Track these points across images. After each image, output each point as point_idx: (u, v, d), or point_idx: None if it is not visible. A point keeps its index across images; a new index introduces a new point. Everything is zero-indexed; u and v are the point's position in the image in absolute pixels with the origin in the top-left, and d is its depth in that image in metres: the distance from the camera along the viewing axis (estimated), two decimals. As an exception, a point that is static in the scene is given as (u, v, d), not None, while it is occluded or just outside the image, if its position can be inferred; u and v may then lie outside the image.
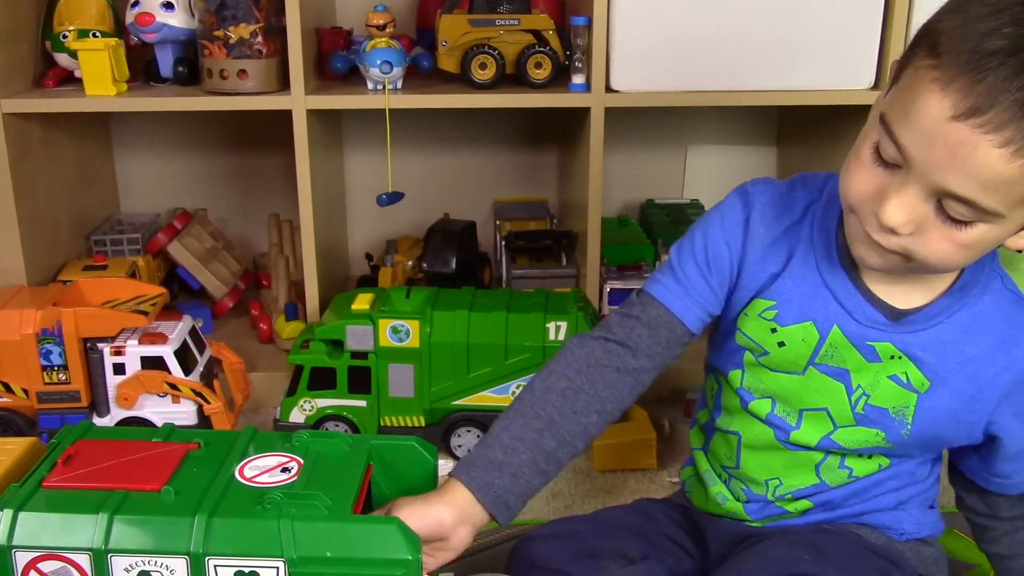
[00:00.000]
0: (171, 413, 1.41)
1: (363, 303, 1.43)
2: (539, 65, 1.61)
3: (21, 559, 0.75)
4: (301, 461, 0.83)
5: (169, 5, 1.61)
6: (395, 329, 1.40)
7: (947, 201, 0.75)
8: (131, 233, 1.81)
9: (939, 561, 1.00)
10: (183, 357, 1.42)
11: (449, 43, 1.62)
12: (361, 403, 1.44)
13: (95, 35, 1.62)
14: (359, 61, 1.60)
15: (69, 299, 1.43)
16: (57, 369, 1.39)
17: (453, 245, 1.73)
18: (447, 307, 1.42)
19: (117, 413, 1.42)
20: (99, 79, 1.57)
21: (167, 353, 1.40)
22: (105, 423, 1.41)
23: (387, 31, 1.58)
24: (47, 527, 0.76)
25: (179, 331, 1.44)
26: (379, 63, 1.56)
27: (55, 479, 0.79)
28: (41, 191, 1.66)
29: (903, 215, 0.76)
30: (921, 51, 0.75)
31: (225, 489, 0.79)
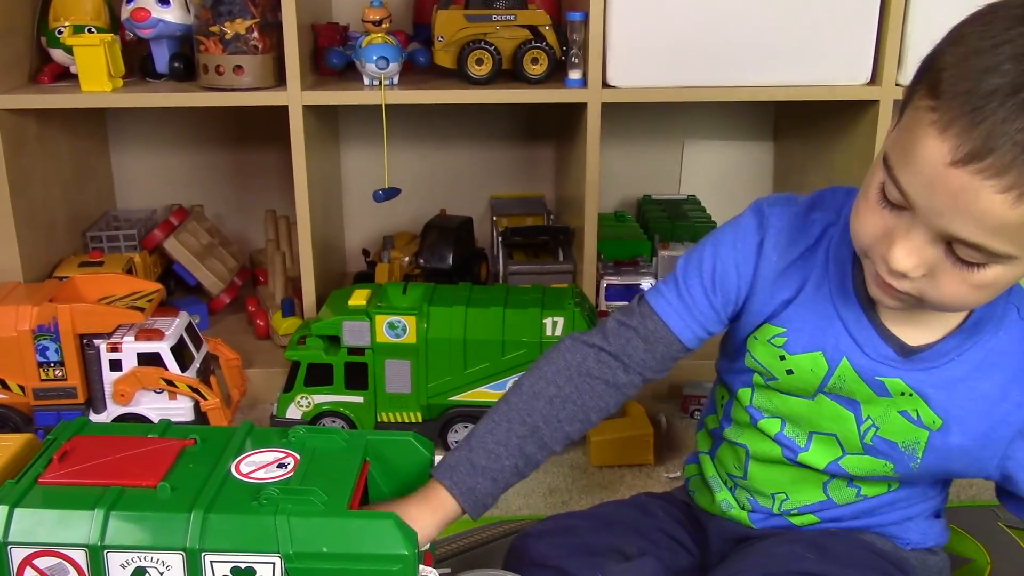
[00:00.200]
0: (168, 409, 1.41)
1: (360, 299, 1.43)
2: (535, 61, 1.61)
3: (17, 555, 0.75)
4: (297, 457, 0.83)
5: (165, 1, 1.60)
6: (392, 325, 1.40)
7: (956, 244, 0.72)
8: (127, 229, 1.81)
9: (944, 571, 0.99)
10: (180, 353, 1.42)
11: (445, 39, 1.62)
12: (358, 399, 1.44)
13: (90, 31, 1.62)
14: (355, 57, 1.60)
15: (65, 295, 1.43)
16: (53, 365, 1.39)
17: (450, 241, 1.73)
18: (444, 303, 1.42)
19: (114, 409, 1.42)
20: (95, 75, 1.57)
21: (163, 349, 1.40)
22: (102, 419, 1.41)
23: (383, 27, 1.57)
24: (43, 523, 0.76)
25: (175, 327, 1.44)
26: (375, 59, 1.56)
27: (51, 475, 0.79)
28: (37, 187, 1.65)
29: (912, 260, 0.74)
30: (921, 89, 0.72)
31: (221, 485, 0.78)
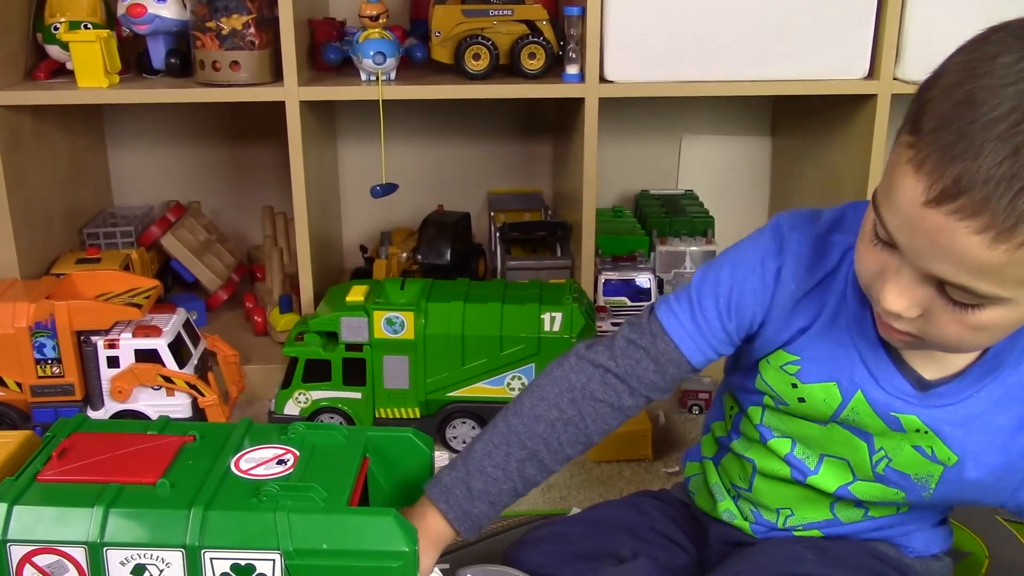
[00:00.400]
0: (166, 406, 1.41)
1: (358, 295, 1.43)
2: (533, 56, 1.61)
3: (16, 553, 0.75)
4: (297, 453, 0.83)
5: (161, -4, 1.60)
6: (390, 321, 1.40)
7: (946, 284, 0.69)
8: (124, 226, 1.81)
9: (948, 572, 0.99)
10: (177, 350, 1.42)
11: (442, 34, 1.62)
12: (356, 395, 1.44)
13: (86, 27, 1.61)
14: (352, 52, 1.59)
15: (62, 292, 1.43)
16: (51, 362, 1.39)
17: (448, 237, 1.73)
18: (442, 298, 1.42)
19: (111, 406, 1.42)
20: (91, 71, 1.56)
21: (161, 346, 1.40)
22: (99, 416, 1.41)
23: (380, 22, 1.57)
24: (42, 521, 0.75)
25: (173, 324, 1.44)
26: (372, 54, 1.56)
27: (50, 472, 0.79)
28: (33, 184, 1.65)
29: (903, 301, 0.72)
30: (907, 125, 0.69)
31: (221, 482, 0.78)
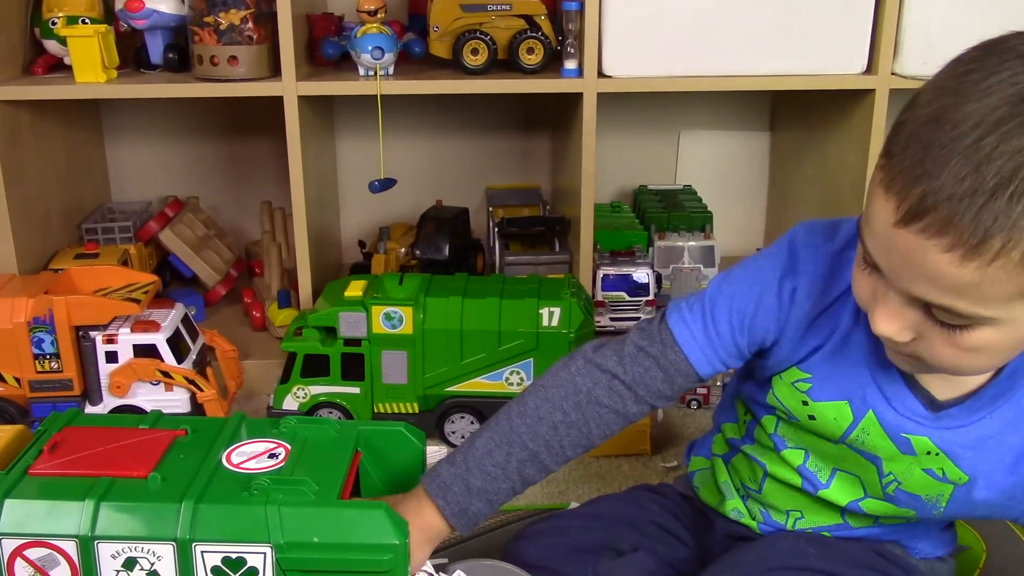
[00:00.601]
0: (164, 401, 1.41)
1: (356, 290, 1.43)
2: (531, 50, 1.61)
3: (7, 546, 0.75)
4: (288, 447, 0.83)
5: (158, -9, 1.60)
6: (388, 316, 1.40)
7: (931, 306, 0.68)
8: (122, 221, 1.81)
9: (952, 573, 0.99)
10: (176, 345, 1.42)
11: (441, 28, 1.61)
12: (355, 390, 1.44)
13: (84, 22, 1.61)
14: (350, 47, 1.59)
15: (61, 287, 1.43)
16: (49, 357, 1.39)
17: (446, 232, 1.73)
18: (440, 293, 1.42)
19: (110, 401, 1.42)
20: (89, 66, 1.56)
21: (160, 341, 1.40)
22: (98, 411, 1.41)
23: (378, 17, 1.57)
24: (33, 514, 0.75)
25: (172, 319, 1.44)
26: (370, 49, 1.56)
27: (41, 466, 0.79)
28: (32, 179, 1.65)
29: (893, 325, 0.71)
30: (883, 149, 0.69)
31: (212, 475, 0.78)
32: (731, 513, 0.98)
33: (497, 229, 1.80)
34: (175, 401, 1.42)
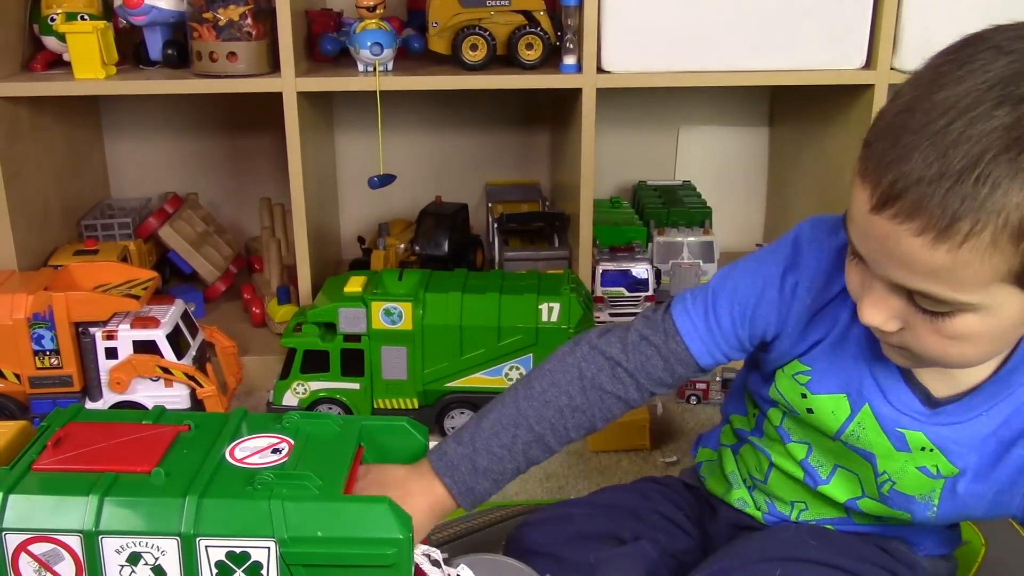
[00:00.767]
0: (164, 397, 1.41)
1: (355, 286, 1.43)
2: (530, 46, 1.61)
3: (12, 541, 0.75)
4: (292, 442, 0.83)
5: (158, -13, 1.60)
6: (388, 311, 1.40)
7: (913, 293, 0.70)
8: (122, 218, 1.81)
9: (953, 571, 0.99)
10: (175, 341, 1.42)
11: (440, 24, 1.61)
12: (354, 386, 1.44)
13: (83, 18, 1.61)
14: (349, 43, 1.59)
15: (60, 283, 1.43)
16: (49, 354, 1.39)
17: (445, 228, 1.73)
18: (440, 289, 1.42)
19: (110, 397, 1.42)
20: (88, 62, 1.56)
21: (159, 337, 1.40)
22: (98, 407, 1.41)
23: (377, 12, 1.57)
24: (37, 509, 0.75)
25: (171, 315, 1.44)
26: (369, 45, 1.56)
27: (45, 461, 0.79)
28: (31, 176, 1.65)
29: (879, 314, 0.72)
30: (864, 138, 0.71)
31: (215, 470, 0.78)
32: (736, 503, 0.99)
33: (496, 225, 1.80)
34: (175, 397, 1.42)
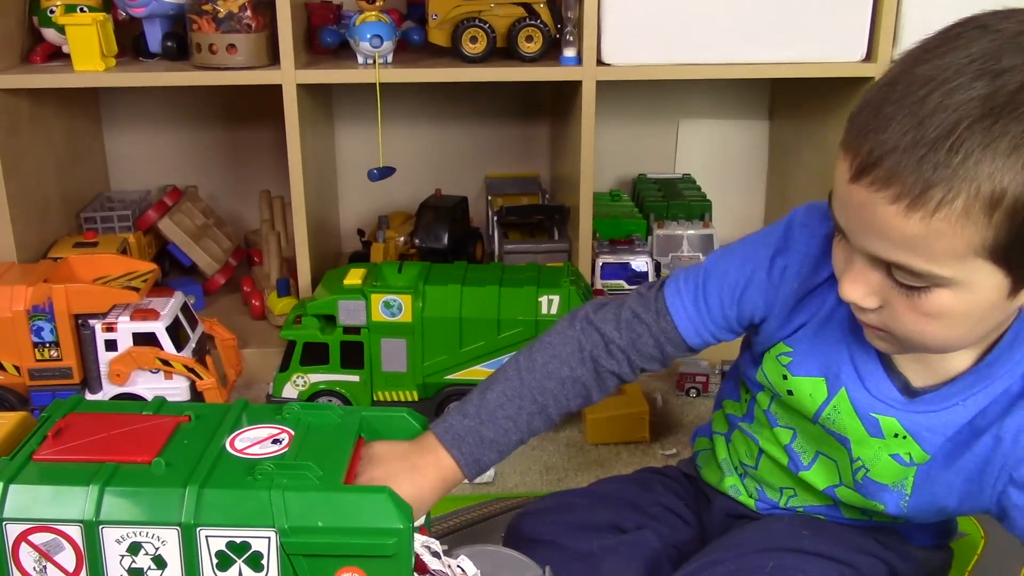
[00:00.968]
0: (164, 389, 1.41)
1: (355, 278, 1.43)
2: (530, 38, 1.60)
3: (12, 531, 0.75)
4: (292, 433, 0.83)
5: (157, -21, 1.60)
6: (387, 304, 1.40)
7: (891, 266, 0.70)
8: (121, 210, 1.81)
9: (947, 563, 0.99)
10: (175, 333, 1.42)
11: (440, 17, 1.61)
12: (354, 378, 1.44)
13: (82, 10, 1.61)
14: (349, 35, 1.59)
15: (60, 276, 1.42)
16: (48, 346, 1.39)
17: (445, 220, 1.73)
18: (439, 281, 1.42)
19: (109, 389, 1.42)
20: (87, 54, 1.56)
21: (159, 329, 1.40)
22: (98, 399, 1.41)
23: (377, 5, 1.57)
24: (38, 499, 0.75)
25: (171, 307, 1.44)
26: (369, 37, 1.55)
27: (45, 452, 0.79)
28: (30, 168, 1.65)
29: (858, 289, 0.73)
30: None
31: (216, 460, 0.78)
32: (729, 490, 1.00)
33: (496, 217, 1.80)
34: (174, 389, 1.42)
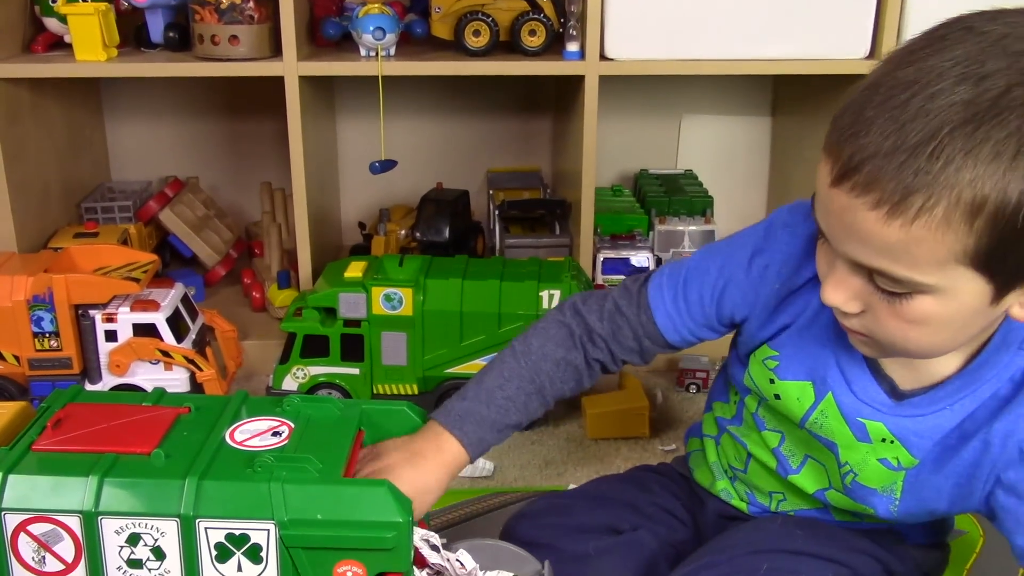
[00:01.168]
0: (163, 380, 1.41)
1: (356, 271, 1.43)
2: (533, 32, 1.60)
3: (11, 521, 0.75)
4: (292, 425, 0.83)
5: (159, -30, 1.59)
6: (388, 297, 1.40)
7: (872, 272, 0.69)
8: (122, 200, 1.81)
9: (944, 561, 0.99)
10: (175, 324, 1.42)
11: (443, 9, 1.61)
12: (354, 371, 1.44)
13: (85, 0, 1.60)
14: (352, 27, 1.58)
15: (60, 266, 1.42)
16: (48, 336, 1.39)
17: (446, 214, 1.73)
18: (440, 275, 1.42)
19: (109, 380, 1.42)
20: (89, 44, 1.56)
21: (159, 320, 1.40)
22: (97, 390, 1.41)
23: (380, -3, 1.57)
24: (37, 490, 0.75)
25: (171, 298, 1.44)
26: (372, 29, 1.55)
27: (45, 442, 0.79)
28: (31, 158, 1.64)
29: (840, 294, 0.72)
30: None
31: (216, 452, 0.78)
32: (721, 493, 1.00)
33: (498, 212, 1.79)
34: (174, 380, 1.42)
